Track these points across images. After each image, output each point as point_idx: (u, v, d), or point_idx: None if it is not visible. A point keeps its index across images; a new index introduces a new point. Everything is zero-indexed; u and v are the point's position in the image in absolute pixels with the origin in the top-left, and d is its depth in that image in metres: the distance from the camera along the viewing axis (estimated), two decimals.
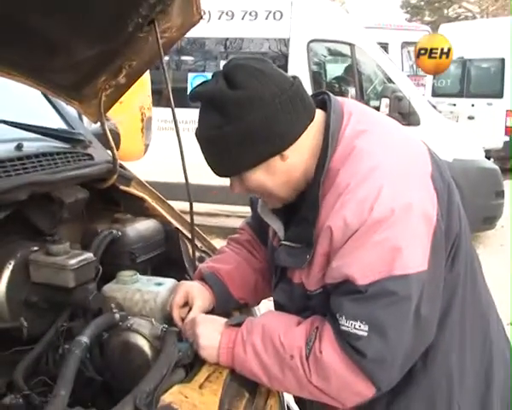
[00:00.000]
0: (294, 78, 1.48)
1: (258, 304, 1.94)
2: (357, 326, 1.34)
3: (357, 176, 1.38)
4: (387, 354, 1.35)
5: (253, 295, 1.82)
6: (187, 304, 1.72)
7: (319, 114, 1.51)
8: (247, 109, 1.39)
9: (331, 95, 1.54)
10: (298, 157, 1.47)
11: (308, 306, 1.50)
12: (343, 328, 1.36)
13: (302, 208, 1.48)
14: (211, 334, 1.54)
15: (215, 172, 1.51)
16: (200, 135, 1.48)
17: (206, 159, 1.50)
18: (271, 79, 1.42)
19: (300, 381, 1.42)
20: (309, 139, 1.47)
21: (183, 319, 1.68)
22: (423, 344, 1.44)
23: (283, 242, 1.54)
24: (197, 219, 2.08)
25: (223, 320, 1.59)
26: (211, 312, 1.72)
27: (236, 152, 1.43)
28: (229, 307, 1.80)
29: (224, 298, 1.76)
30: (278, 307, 1.62)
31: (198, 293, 1.72)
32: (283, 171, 1.47)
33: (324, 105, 1.52)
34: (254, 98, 1.39)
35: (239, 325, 1.54)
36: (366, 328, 1.33)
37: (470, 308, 1.55)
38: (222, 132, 1.42)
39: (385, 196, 1.34)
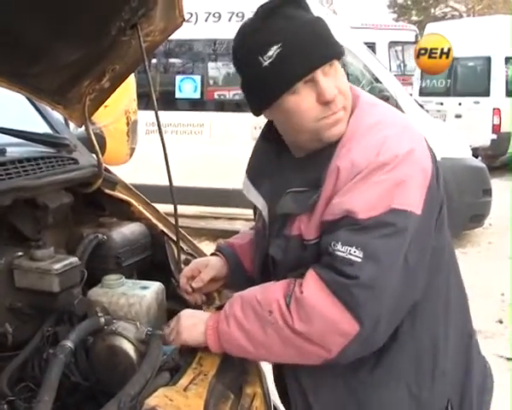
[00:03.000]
0: None
1: None
2: (352, 252, 1.37)
3: (361, 127, 1.48)
4: (378, 281, 1.37)
5: None
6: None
7: None
8: None
9: None
10: None
11: (302, 259, 1.51)
12: (338, 253, 1.38)
13: (318, 154, 1.53)
14: (195, 322, 1.59)
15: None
16: None
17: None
18: None
19: (283, 335, 1.43)
20: None
21: (193, 290, 1.84)
22: (410, 297, 1.46)
23: (290, 190, 1.55)
24: (186, 222, 2.10)
25: (203, 312, 1.68)
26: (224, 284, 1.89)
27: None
28: (242, 279, 1.83)
29: (236, 268, 1.85)
30: (272, 263, 1.62)
31: (207, 265, 1.85)
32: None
33: None
34: None
35: (222, 307, 1.59)
36: (361, 254, 1.37)
37: (454, 280, 1.63)
38: None
39: (391, 143, 1.43)
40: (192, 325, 1.59)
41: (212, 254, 1.92)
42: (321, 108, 1.47)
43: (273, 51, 1.44)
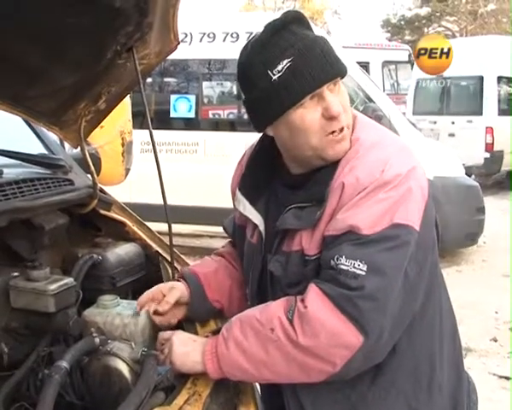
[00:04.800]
0: None
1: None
2: (356, 265, 1.39)
3: (364, 145, 1.51)
4: (382, 293, 1.39)
5: (228, 300, 1.85)
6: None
7: None
8: None
9: None
10: None
11: (302, 274, 1.52)
12: (342, 267, 1.40)
13: (320, 171, 1.55)
14: (188, 350, 1.57)
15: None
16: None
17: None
18: None
19: (287, 352, 1.43)
20: None
21: (156, 312, 1.73)
22: (410, 309, 1.49)
23: (292, 205, 1.56)
24: (181, 241, 2.10)
25: (197, 337, 1.66)
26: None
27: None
28: (204, 308, 1.82)
29: (199, 296, 1.80)
30: (271, 279, 1.63)
31: (171, 288, 1.78)
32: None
33: None
34: None
35: (218, 332, 1.57)
36: (365, 267, 1.39)
37: (445, 296, 1.68)
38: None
39: (393, 162, 1.47)
40: (185, 353, 1.57)
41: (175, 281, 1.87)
42: (325, 123, 1.49)
43: (283, 65, 1.46)
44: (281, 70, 1.46)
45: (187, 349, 1.58)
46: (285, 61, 1.46)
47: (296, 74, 1.45)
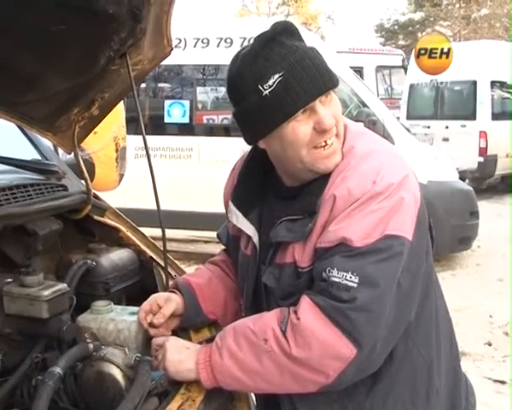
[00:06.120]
0: None
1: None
2: (347, 277, 1.39)
3: (355, 156, 1.50)
4: (374, 304, 1.39)
5: (223, 311, 1.84)
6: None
7: None
8: None
9: None
10: None
11: (296, 286, 1.53)
12: (333, 279, 1.40)
13: (312, 183, 1.54)
14: (181, 358, 1.56)
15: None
16: None
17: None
18: None
19: (280, 363, 1.43)
20: None
21: (151, 324, 1.73)
22: (404, 319, 1.49)
23: (284, 218, 1.55)
24: (175, 246, 2.10)
25: (191, 343, 1.65)
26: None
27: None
28: (198, 319, 1.81)
29: (193, 307, 1.78)
30: (265, 290, 1.63)
31: (167, 300, 1.76)
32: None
33: None
34: None
35: (212, 340, 1.57)
36: (356, 279, 1.39)
37: (440, 301, 1.68)
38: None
39: (385, 171, 1.47)
40: (178, 360, 1.56)
41: (169, 292, 1.85)
42: (316, 135, 1.48)
43: (274, 80, 1.44)
44: (272, 85, 1.44)
45: (180, 357, 1.57)
46: (276, 76, 1.44)
47: (288, 89, 1.44)
